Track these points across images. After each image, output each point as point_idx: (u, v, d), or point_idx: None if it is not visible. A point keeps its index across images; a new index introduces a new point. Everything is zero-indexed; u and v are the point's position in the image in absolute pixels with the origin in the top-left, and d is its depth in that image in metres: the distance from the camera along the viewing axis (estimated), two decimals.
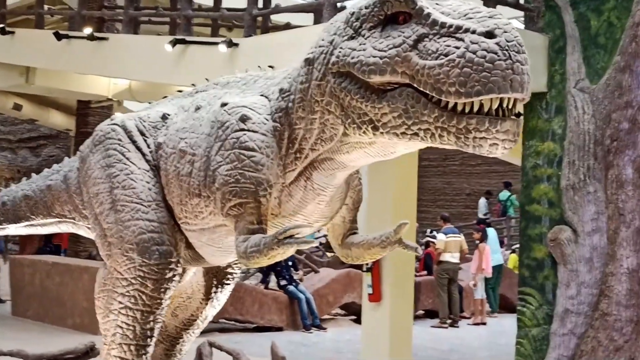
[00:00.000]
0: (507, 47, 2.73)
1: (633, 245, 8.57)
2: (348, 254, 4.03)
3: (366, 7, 3.11)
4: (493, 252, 16.01)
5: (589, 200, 9.00)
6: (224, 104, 3.75)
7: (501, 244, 18.39)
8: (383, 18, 3.04)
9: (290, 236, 3.25)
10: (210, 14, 13.01)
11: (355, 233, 4.04)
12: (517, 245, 19.26)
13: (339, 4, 9.38)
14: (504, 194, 24.53)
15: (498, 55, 2.72)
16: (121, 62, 12.88)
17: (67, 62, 13.90)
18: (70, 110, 19.97)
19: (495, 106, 2.77)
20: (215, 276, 4.64)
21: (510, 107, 2.81)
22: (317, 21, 10.41)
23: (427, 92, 2.82)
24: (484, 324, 15.55)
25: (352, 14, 3.17)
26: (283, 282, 14.15)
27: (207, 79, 4.39)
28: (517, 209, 24.34)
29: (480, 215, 23.60)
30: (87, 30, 13.44)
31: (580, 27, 9.30)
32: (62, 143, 27.22)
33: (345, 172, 3.58)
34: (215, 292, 4.67)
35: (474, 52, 2.73)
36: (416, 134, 2.93)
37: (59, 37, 13.41)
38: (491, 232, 16.77)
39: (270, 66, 4.12)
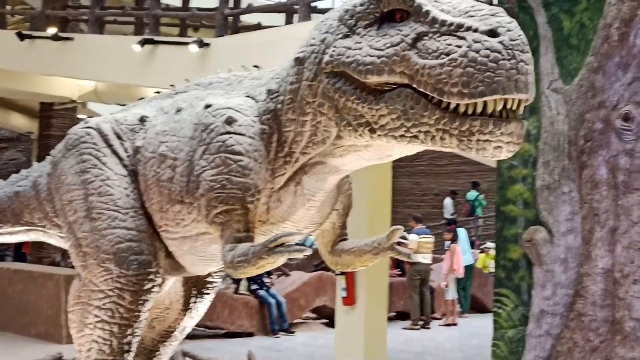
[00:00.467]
0: (511, 46, 2.60)
1: (607, 245, 8.52)
2: (338, 262, 3.87)
3: (361, 4, 2.95)
4: (463, 253, 16.00)
5: (564, 200, 8.95)
6: (208, 106, 3.57)
7: (472, 244, 18.38)
8: (379, 16, 2.89)
9: (281, 244, 3.09)
10: (180, 14, 12.79)
11: (345, 239, 3.89)
12: (486, 245, 19.40)
13: (312, 4, 9.21)
14: (472, 194, 24.58)
15: (502, 55, 2.58)
16: (87, 63, 12.60)
17: (31, 63, 13.58)
18: (32, 112, 19.57)
19: (499, 107, 2.64)
20: (195, 286, 4.45)
21: (514, 108, 2.68)
22: (288, 21, 10.27)
23: (428, 92, 2.68)
24: (455, 324, 15.53)
25: (346, 11, 3.01)
26: (254, 287, 13.96)
27: (187, 80, 4.20)
28: (484, 209, 24.48)
29: (447, 216, 23.62)
30: (52, 30, 13.12)
31: (553, 28, 9.25)
32: (24, 146, 26.73)
33: (337, 176, 3.43)
34: (194, 303, 4.47)
35: (477, 51, 2.59)
36: (416, 137, 2.79)
37: (22, 37, 13.10)
38: (462, 232, 16.76)
39: (255, 66, 3.95)
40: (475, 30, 2.63)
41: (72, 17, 14.39)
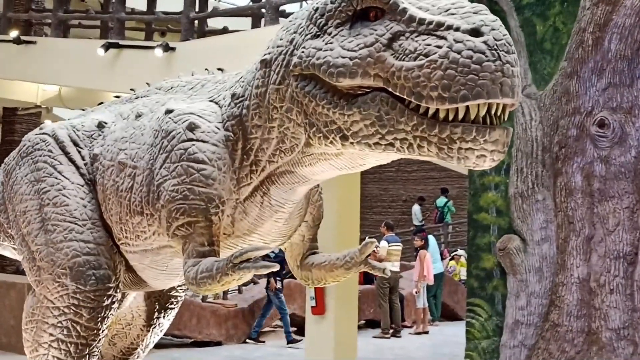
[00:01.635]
0: (495, 46, 2.39)
1: (583, 254, 8.42)
2: (308, 276, 3.66)
3: (332, 2, 2.73)
4: (435, 261, 15.90)
5: (538, 208, 8.82)
6: (168, 111, 3.34)
7: (440, 254, 18.25)
8: (352, 14, 2.67)
9: (247, 260, 2.86)
10: (145, 17, 12.52)
11: (315, 252, 3.67)
12: (456, 252, 19.31)
13: (280, 8, 9.01)
14: (441, 200, 24.51)
15: (486, 56, 2.37)
16: (50, 67, 12.28)
17: None
18: None
19: (482, 113, 2.43)
20: (158, 300, 4.22)
21: (498, 114, 2.48)
22: (255, 25, 10.06)
23: (405, 97, 2.47)
24: (427, 332, 15.39)
25: (316, 9, 2.79)
26: (279, 286, 13.64)
27: (147, 84, 3.97)
28: (454, 216, 24.43)
29: (416, 222, 23.51)
30: (13, 34, 12.78)
31: (526, 33, 9.13)
32: None
33: (306, 186, 3.21)
34: (157, 318, 4.25)
35: (459, 52, 2.37)
36: (391, 144, 2.57)
37: None
38: (431, 240, 16.64)
39: (219, 69, 3.72)
40: (457, 29, 2.42)
41: (35, 20, 14.06)
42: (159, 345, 12.55)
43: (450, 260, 18.98)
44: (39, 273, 3.62)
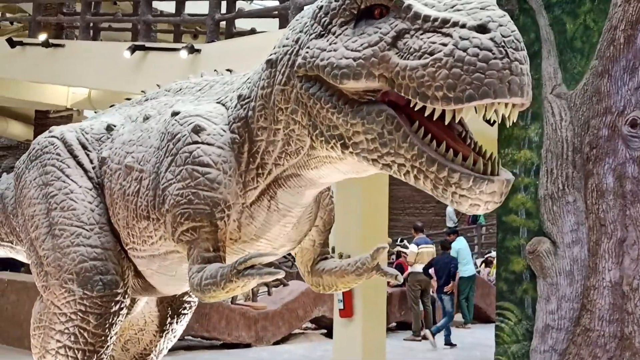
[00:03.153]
0: (503, 44, 2.27)
1: (615, 257, 8.21)
2: (319, 282, 3.56)
3: (336, 0, 2.63)
4: (466, 263, 15.72)
5: (568, 210, 8.62)
6: (175, 113, 3.27)
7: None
8: (356, 12, 2.57)
9: (252, 266, 2.77)
10: (172, 19, 12.52)
11: (326, 258, 3.58)
12: (490, 254, 19.07)
13: (305, 7, 8.92)
14: None
15: (493, 53, 2.25)
16: (78, 69, 12.34)
17: (21, 70, 13.33)
18: (29, 120, 19.34)
19: (489, 114, 2.31)
20: (170, 305, 4.16)
21: (507, 114, 2.36)
22: (282, 26, 9.99)
23: (409, 97, 2.36)
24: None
25: (320, 7, 2.70)
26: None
27: (158, 85, 3.90)
28: (487, 217, 24.19)
29: (450, 224, 23.29)
30: (42, 37, 12.86)
31: (556, 31, 8.94)
32: (23, 154, 26.46)
33: (314, 189, 3.11)
34: (170, 324, 4.18)
35: (464, 50, 2.26)
36: (389, 166, 2.47)
37: (12, 44, 12.84)
38: (462, 241, 16.45)
39: (228, 70, 3.64)
40: (463, 26, 2.31)
41: (65, 23, 14.14)
42: (189, 348, 12.65)
43: (482, 263, 18.73)
44: (46, 278, 3.58)
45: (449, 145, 2.39)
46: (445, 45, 2.30)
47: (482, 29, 2.29)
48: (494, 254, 19.33)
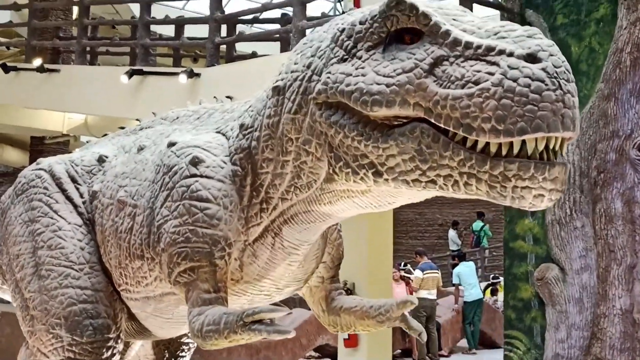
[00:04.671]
0: (555, 74, 2.09)
1: (625, 284, 8.00)
2: (336, 322, 3.33)
3: (361, 23, 2.43)
4: (472, 287, 15.48)
5: (577, 236, 8.43)
6: (171, 144, 3.05)
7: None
8: (385, 36, 2.37)
9: (260, 320, 2.54)
10: (170, 43, 12.34)
11: (341, 293, 3.35)
12: (496, 280, 18.79)
13: (308, 31, 8.75)
14: (477, 224, 24.12)
15: (546, 84, 2.07)
16: (74, 95, 12.10)
17: (15, 95, 13.08)
18: (25, 146, 19.10)
19: (540, 148, 2.12)
20: (167, 348, 3.92)
21: (556, 148, 2.16)
22: (284, 49, 9.81)
23: (450, 129, 2.16)
24: None
25: (342, 30, 2.49)
26: None
27: (154, 113, 3.68)
28: (490, 240, 23.99)
29: (454, 247, 23.09)
30: (37, 62, 12.66)
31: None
32: None
33: (324, 225, 2.89)
34: None
35: (515, 80, 2.08)
36: (433, 182, 2.26)
37: (6, 69, 12.63)
38: (469, 265, 16.21)
39: (228, 96, 3.43)
40: (510, 55, 2.12)
41: (62, 48, 13.95)
42: None
43: (487, 288, 18.45)
44: (32, 323, 3.33)
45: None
46: (492, 74, 2.12)
47: (531, 58, 2.11)
48: (499, 280, 19.06)
